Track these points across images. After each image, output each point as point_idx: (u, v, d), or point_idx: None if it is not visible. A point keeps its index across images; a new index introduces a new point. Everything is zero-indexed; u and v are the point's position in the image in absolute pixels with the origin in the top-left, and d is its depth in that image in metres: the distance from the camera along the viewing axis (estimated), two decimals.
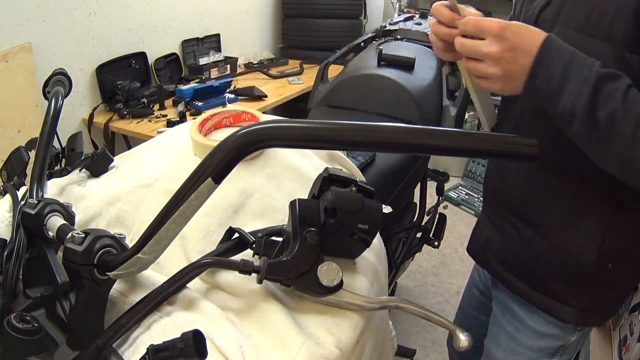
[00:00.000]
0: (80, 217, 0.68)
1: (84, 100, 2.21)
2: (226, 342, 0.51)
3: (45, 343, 0.52)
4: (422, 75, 1.44)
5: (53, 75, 0.78)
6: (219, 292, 0.59)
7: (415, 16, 1.87)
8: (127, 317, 0.52)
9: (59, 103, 0.72)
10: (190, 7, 2.67)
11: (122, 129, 2.12)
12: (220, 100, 2.35)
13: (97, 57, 2.21)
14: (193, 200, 0.46)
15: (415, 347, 1.88)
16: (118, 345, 0.53)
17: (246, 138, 0.46)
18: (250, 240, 0.59)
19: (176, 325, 0.52)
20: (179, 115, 2.18)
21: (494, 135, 0.54)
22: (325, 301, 0.57)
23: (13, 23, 1.84)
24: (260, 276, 0.54)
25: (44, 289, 0.57)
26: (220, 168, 0.46)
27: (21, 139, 1.76)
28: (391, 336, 0.84)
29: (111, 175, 0.77)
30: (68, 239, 0.51)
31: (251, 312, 0.56)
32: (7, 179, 0.79)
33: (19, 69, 1.84)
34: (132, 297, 0.57)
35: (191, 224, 0.50)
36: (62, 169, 0.80)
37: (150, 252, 0.49)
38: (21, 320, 0.50)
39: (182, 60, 2.66)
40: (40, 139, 0.70)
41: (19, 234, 0.58)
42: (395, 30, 1.75)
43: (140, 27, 2.40)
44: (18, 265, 0.56)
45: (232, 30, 3.01)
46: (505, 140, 0.51)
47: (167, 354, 0.45)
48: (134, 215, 0.69)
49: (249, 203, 0.69)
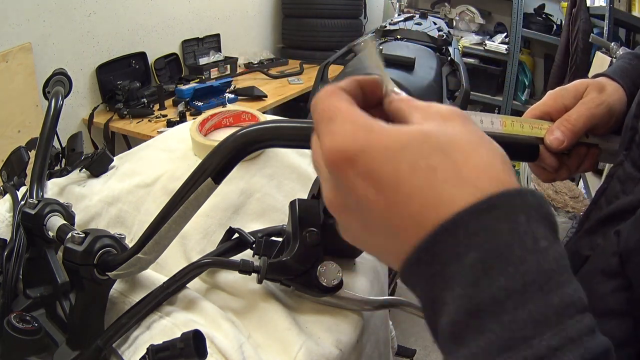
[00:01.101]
0: (80, 217, 0.67)
1: (84, 100, 2.21)
2: (226, 342, 0.51)
3: (45, 343, 0.52)
4: (422, 75, 1.44)
5: (53, 75, 0.78)
6: (219, 292, 0.59)
7: (415, 16, 1.87)
8: (127, 317, 0.52)
9: (59, 103, 0.72)
10: (190, 7, 2.67)
11: (122, 129, 2.12)
12: (220, 100, 2.35)
13: (97, 57, 2.21)
14: (193, 200, 0.46)
15: (415, 347, 1.87)
16: (118, 345, 0.53)
17: (246, 138, 0.46)
18: (250, 240, 0.59)
19: (176, 325, 0.52)
20: (179, 115, 2.18)
21: (494, 134, 0.54)
22: (325, 301, 0.57)
23: (13, 23, 1.83)
24: (260, 276, 0.54)
25: (44, 289, 0.57)
26: (220, 168, 0.46)
27: (21, 139, 1.76)
28: (391, 336, 0.84)
29: (111, 175, 0.77)
30: (68, 239, 0.51)
31: (251, 312, 0.56)
32: (7, 179, 0.79)
33: (19, 69, 1.84)
34: (132, 297, 0.57)
35: (191, 224, 0.50)
36: (62, 169, 0.80)
37: (150, 252, 0.49)
38: (21, 320, 0.50)
39: (182, 60, 2.67)
40: (40, 139, 0.70)
41: (19, 234, 0.58)
42: (395, 30, 1.75)
43: (140, 27, 2.40)
44: (18, 265, 0.56)
45: (232, 30, 3.01)
46: (503, 138, 0.51)
47: (167, 354, 0.45)
48: (134, 215, 0.69)
49: (249, 203, 0.69)
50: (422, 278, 0.27)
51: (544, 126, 0.50)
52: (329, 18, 3.16)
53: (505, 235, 0.25)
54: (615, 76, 0.52)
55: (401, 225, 0.27)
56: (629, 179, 0.43)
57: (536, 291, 0.25)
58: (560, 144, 0.48)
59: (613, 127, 0.51)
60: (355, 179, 0.27)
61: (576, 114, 0.49)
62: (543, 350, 0.23)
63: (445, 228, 0.26)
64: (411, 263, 0.27)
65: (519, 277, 0.25)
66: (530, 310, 0.24)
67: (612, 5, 2.28)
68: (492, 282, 0.25)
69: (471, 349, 0.25)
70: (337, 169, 0.27)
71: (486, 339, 0.24)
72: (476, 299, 0.25)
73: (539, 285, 0.25)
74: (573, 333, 0.24)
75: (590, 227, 0.45)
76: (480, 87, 3.33)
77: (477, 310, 0.25)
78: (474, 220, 0.25)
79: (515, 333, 0.24)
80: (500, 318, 0.24)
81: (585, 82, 0.52)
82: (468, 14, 3.39)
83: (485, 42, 3.30)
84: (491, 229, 0.25)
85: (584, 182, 2.07)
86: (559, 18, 3.16)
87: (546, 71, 3.33)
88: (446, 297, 0.26)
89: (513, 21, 3.16)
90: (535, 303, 0.24)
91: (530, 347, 0.23)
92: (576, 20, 2.57)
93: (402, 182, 0.26)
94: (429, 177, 0.26)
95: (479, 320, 0.25)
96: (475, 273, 0.25)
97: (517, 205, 0.26)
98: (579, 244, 0.45)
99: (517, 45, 3.20)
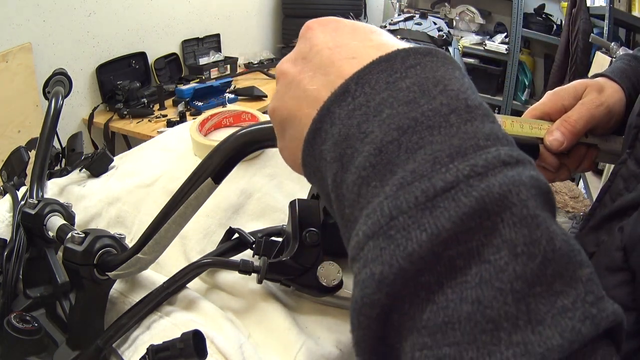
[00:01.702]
0: (80, 217, 0.68)
1: (84, 100, 2.21)
2: (226, 342, 0.51)
3: (45, 343, 0.52)
4: None
5: (53, 75, 0.78)
6: (219, 292, 0.59)
7: (415, 16, 1.87)
8: (127, 317, 0.52)
9: (59, 103, 0.72)
10: (190, 7, 2.67)
11: (122, 129, 2.12)
12: (220, 100, 2.35)
13: (97, 57, 2.21)
14: (193, 200, 0.46)
15: None
16: (118, 345, 0.53)
17: (246, 138, 0.46)
18: (250, 240, 0.59)
19: (176, 325, 0.52)
20: (179, 115, 2.18)
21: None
22: (325, 301, 0.57)
23: (13, 23, 1.84)
24: (260, 276, 0.54)
25: (44, 289, 0.57)
26: (220, 168, 0.46)
27: (21, 139, 1.76)
28: None
29: (111, 175, 0.77)
30: (68, 239, 0.51)
31: (251, 312, 0.56)
32: (7, 179, 0.79)
33: (19, 69, 1.84)
34: (132, 297, 0.57)
35: (191, 224, 0.50)
36: (62, 169, 0.80)
37: (150, 252, 0.49)
38: (21, 320, 0.50)
39: (182, 60, 2.67)
40: (40, 139, 0.70)
41: (19, 234, 0.58)
42: (395, 30, 1.75)
43: (140, 27, 2.40)
44: (18, 265, 0.56)
45: (232, 30, 3.01)
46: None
47: (167, 354, 0.45)
48: (134, 215, 0.69)
49: (249, 203, 0.69)
50: (342, 115, 0.25)
51: (544, 126, 0.50)
52: None
53: (444, 72, 0.25)
54: (614, 77, 0.52)
55: (341, 60, 0.27)
56: (632, 176, 0.43)
57: (481, 115, 0.23)
58: (560, 145, 0.48)
59: (612, 128, 0.52)
60: (318, 30, 0.31)
61: (576, 115, 0.49)
62: (505, 157, 0.21)
63: (382, 59, 0.25)
64: (336, 96, 0.26)
65: (463, 100, 0.23)
66: (478, 126, 0.22)
67: (612, 5, 2.28)
68: (432, 100, 0.23)
69: (408, 167, 0.21)
70: (308, 27, 0.32)
71: (429, 151, 0.21)
72: (413, 113, 0.23)
73: (482, 112, 0.23)
74: (530, 159, 0.22)
75: (595, 224, 0.45)
76: (480, 87, 3.33)
77: (414, 124, 0.22)
78: (411, 56, 0.25)
79: (467, 142, 0.21)
80: (444, 130, 0.22)
81: (585, 83, 0.52)
82: (468, 14, 3.39)
83: (485, 42, 3.30)
84: (429, 65, 0.25)
85: (584, 182, 2.07)
86: (559, 18, 3.17)
87: (546, 71, 3.33)
88: (371, 125, 0.24)
89: (513, 21, 3.16)
90: (482, 123, 0.23)
91: (489, 153, 0.21)
92: (576, 20, 2.57)
93: (354, 35, 0.29)
94: (377, 37, 0.28)
95: (417, 134, 0.22)
96: (412, 94, 0.24)
97: (452, 60, 0.26)
98: (584, 241, 0.45)
99: (517, 45, 3.20)
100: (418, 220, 0.20)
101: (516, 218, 0.19)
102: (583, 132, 0.49)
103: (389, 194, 0.21)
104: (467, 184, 0.20)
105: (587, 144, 0.51)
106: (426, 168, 0.21)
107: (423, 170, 0.21)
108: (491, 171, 0.20)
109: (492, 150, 0.21)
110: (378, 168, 0.22)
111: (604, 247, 0.40)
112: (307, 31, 0.32)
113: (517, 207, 0.20)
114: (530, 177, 0.21)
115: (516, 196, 0.20)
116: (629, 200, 0.40)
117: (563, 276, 0.19)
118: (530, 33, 3.20)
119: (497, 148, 0.21)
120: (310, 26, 0.32)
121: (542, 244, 0.19)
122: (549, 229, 0.20)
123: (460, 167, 0.20)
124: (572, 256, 0.20)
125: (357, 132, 0.24)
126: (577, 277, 0.19)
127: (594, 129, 0.50)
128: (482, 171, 0.20)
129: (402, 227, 0.20)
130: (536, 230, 0.19)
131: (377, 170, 0.22)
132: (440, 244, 0.19)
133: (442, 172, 0.20)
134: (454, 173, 0.20)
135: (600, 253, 0.41)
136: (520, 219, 0.19)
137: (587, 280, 0.19)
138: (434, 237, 0.19)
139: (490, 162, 0.21)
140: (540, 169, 0.53)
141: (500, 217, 0.19)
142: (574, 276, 0.19)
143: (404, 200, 0.20)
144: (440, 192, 0.20)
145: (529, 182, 0.21)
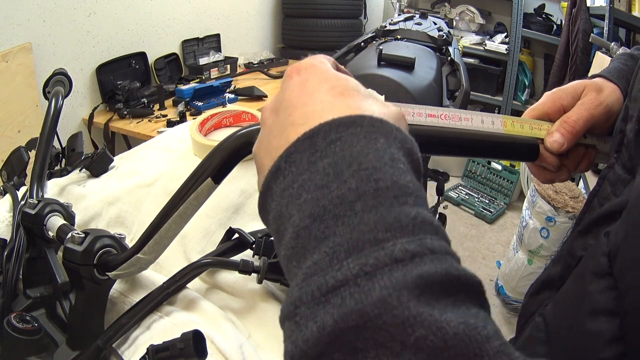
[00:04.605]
0: (80, 217, 0.68)
1: (84, 100, 2.21)
2: (226, 342, 0.51)
3: (45, 343, 0.52)
4: (422, 75, 1.44)
5: (53, 75, 0.78)
6: (219, 292, 0.59)
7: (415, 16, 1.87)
8: (127, 317, 0.52)
9: (59, 103, 0.72)
10: (190, 7, 2.67)
11: (122, 129, 2.12)
12: (220, 100, 2.35)
13: (97, 57, 2.21)
14: (193, 200, 0.46)
15: None
16: (118, 345, 0.53)
17: (246, 138, 0.46)
18: (250, 240, 0.59)
19: (176, 325, 0.52)
20: (179, 115, 2.18)
21: (494, 134, 0.54)
22: None
23: (13, 23, 1.84)
24: (260, 276, 0.54)
25: (44, 289, 0.57)
26: (220, 168, 0.46)
27: (21, 139, 1.76)
28: None
29: (111, 175, 0.77)
30: (68, 239, 0.51)
31: (251, 312, 0.56)
32: (7, 179, 0.79)
33: (19, 69, 1.84)
34: (132, 297, 0.57)
35: (191, 224, 0.50)
36: (62, 169, 0.80)
37: (150, 252, 0.49)
38: (21, 320, 0.50)
39: (182, 60, 2.67)
40: (40, 139, 0.70)
41: (19, 234, 0.58)
42: (395, 30, 1.74)
43: (140, 27, 2.40)
44: (18, 265, 0.56)
45: (232, 30, 3.01)
46: (503, 138, 0.51)
47: (167, 354, 0.45)
48: (134, 215, 0.69)
49: (249, 203, 0.69)
50: (277, 193, 0.27)
51: (544, 127, 0.50)
52: (329, 18, 3.16)
53: (363, 146, 0.25)
54: (611, 77, 0.52)
55: (293, 125, 0.28)
56: (618, 181, 0.43)
57: (390, 198, 0.24)
58: (560, 147, 0.48)
59: (610, 128, 0.52)
60: (293, 80, 0.31)
61: (576, 115, 0.49)
62: (398, 253, 0.22)
63: (307, 136, 0.27)
64: (272, 173, 0.28)
65: (373, 182, 0.24)
66: (382, 214, 0.23)
67: (612, 5, 2.27)
68: (342, 185, 0.24)
69: (313, 258, 0.23)
70: (288, 74, 0.32)
71: (330, 244, 0.23)
72: (323, 200, 0.24)
73: (393, 194, 0.24)
74: (434, 246, 0.22)
75: (584, 228, 0.45)
76: (480, 87, 3.33)
77: (323, 212, 0.24)
78: (333, 130, 0.26)
79: (365, 235, 0.22)
80: (347, 220, 0.23)
81: (583, 83, 0.53)
82: (468, 14, 3.39)
83: (485, 42, 3.29)
84: (349, 140, 0.26)
85: (584, 182, 2.07)
86: (559, 18, 3.16)
87: (546, 71, 3.33)
88: (292, 209, 0.25)
89: (513, 21, 3.16)
90: (388, 209, 0.23)
91: (382, 249, 0.22)
92: (576, 20, 2.57)
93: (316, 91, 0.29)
94: (333, 95, 0.29)
95: (324, 223, 0.24)
96: (326, 178, 0.25)
97: (379, 127, 0.27)
98: (573, 245, 0.45)
99: (517, 45, 3.20)
100: (313, 312, 0.22)
101: (398, 320, 0.20)
102: (582, 132, 0.49)
103: (298, 281, 0.23)
104: (354, 283, 0.21)
105: (585, 144, 0.51)
106: (325, 262, 0.23)
107: (323, 264, 0.23)
108: (380, 270, 0.21)
109: (388, 245, 0.22)
110: (296, 250, 0.24)
111: (591, 252, 0.40)
112: (286, 79, 0.32)
113: (398, 310, 0.20)
114: (418, 277, 0.21)
115: (396, 300, 0.21)
116: (616, 205, 0.41)
117: (466, 356, 0.20)
118: (530, 33, 3.20)
119: (393, 242, 0.22)
120: (289, 74, 0.32)
121: (428, 338, 0.20)
122: (438, 321, 0.20)
123: (351, 265, 0.22)
124: (473, 335, 0.20)
125: (286, 212, 0.26)
126: (484, 353, 0.20)
127: (593, 129, 0.50)
128: (370, 270, 0.21)
129: (303, 316, 0.22)
130: (419, 328, 0.20)
131: (296, 252, 0.25)
132: (327, 336, 0.21)
133: (335, 269, 0.22)
134: (345, 272, 0.22)
135: (587, 257, 0.41)
136: (402, 320, 0.20)
137: (495, 354, 0.20)
138: (321, 329, 0.21)
139: (381, 260, 0.22)
140: (541, 169, 0.53)
141: (382, 319, 0.20)
142: (480, 353, 0.20)
143: (304, 293, 0.22)
144: (332, 289, 0.22)
145: (412, 283, 0.21)
